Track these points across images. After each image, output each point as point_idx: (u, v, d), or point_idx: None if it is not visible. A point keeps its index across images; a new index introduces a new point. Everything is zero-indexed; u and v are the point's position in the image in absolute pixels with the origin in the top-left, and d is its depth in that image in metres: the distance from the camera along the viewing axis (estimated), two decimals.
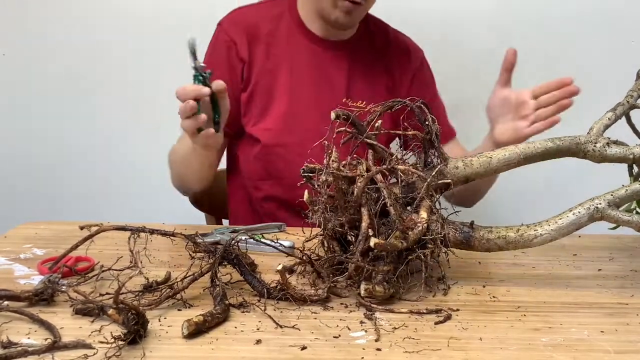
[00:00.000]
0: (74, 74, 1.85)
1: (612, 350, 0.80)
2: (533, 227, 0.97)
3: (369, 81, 1.42)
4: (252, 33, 1.37)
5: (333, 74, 1.40)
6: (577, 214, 0.96)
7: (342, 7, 1.30)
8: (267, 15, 1.40)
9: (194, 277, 0.88)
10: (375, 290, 0.89)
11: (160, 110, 1.87)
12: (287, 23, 1.39)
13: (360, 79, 1.41)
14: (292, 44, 1.38)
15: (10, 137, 1.88)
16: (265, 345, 0.78)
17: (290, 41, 1.38)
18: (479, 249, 0.98)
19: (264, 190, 1.40)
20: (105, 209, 1.90)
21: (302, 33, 1.39)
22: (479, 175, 1.01)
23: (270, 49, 1.37)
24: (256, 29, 1.37)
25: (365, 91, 1.41)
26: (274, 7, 1.42)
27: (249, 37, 1.37)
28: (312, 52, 1.38)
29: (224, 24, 1.40)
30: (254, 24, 1.38)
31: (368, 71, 1.42)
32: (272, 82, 1.37)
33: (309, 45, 1.38)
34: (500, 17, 1.85)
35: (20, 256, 1.05)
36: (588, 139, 1.02)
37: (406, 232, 0.90)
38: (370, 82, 1.42)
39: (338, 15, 1.31)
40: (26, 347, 0.72)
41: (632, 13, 1.84)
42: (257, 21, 1.38)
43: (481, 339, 0.81)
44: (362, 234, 0.90)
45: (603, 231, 1.18)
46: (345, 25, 1.35)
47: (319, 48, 1.39)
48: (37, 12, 1.82)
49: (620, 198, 0.97)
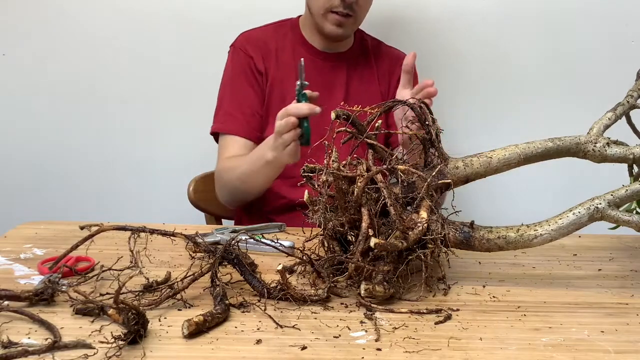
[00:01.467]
0: (73, 74, 1.85)
1: (612, 350, 0.80)
2: (533, 227, 0.97)
3: (365, 87, 1.54)
4: (263, 48, 1.50)
5: (333, 81, 1.52)
6: (577, 214, 0.96)
7: (332, 20, 1.43)
8: (273, 35, 1.54)
9: (194, 277, 0.88)
10: (375, 290, 0.89)
11: (161, 110, 1.88)
12: (291, 40, 1.54)
13: (357, 86, 1.53)
14: (296, 56, 1.48)
15: (10, 137, 1.88)
16: (266, 345, 0.78)
17: (295, 54, 1.50)
18: (479, 249, 0.98)
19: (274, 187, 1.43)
20: (105, 209, 1.90)
21: (304, 47, 1.53)
22: (479, 175, 1.01)
23: (279, 60, 1.50)
24: (266, 44, 1.51)
25: (362, 95, 1.53)
26: (278, 28, 1.56)
27: (262, 51, 1.50)
28: (314, 63, 1.48)
29: (237, 44, 1.53)
30: (263, 40, 1.52)
31: (363, 78, 1.55)
32: (283, 90, 1.48)
33: (310, 57, 1.49)
34: (499, 17, 1.85)
35: (20, 256, 1.06)
36: (588, 139, 1.02)
37: (406, 232, 0.90)
38: (365, 88, 1.54)
39: (330, 28, 1.44)
40: (26, 347, 0.72)
41: (632, 13, 1.84)
42: (266, 38, 1.52)
43: (481, 339, 0.81)
44: (362, 234, 0.90)
45: (603, 231, 1.18)
46: (338, 36, 1.47)
47: (319, 60, 1.52)
48: (37, 12, 1.82)
49: (620, 198, 0.97)
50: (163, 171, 1.89)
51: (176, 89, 1.86)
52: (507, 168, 1.02)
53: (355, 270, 0.90)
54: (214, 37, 1.79)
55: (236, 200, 1.47)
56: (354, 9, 1.42)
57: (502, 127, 1.88)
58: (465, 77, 1.87)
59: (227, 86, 1.51)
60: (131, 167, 1.90)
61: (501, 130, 1.86)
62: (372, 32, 1.63)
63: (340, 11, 1.41)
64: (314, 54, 1.52)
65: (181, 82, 1.86)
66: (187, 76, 1.86)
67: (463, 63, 1.87)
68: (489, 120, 1.89)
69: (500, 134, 1.80)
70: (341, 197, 0.93)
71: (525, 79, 1.88)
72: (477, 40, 1.85)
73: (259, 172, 1.33)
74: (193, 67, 1.85)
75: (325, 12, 1.42)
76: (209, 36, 1.82)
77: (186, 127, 1.87)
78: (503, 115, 1.89)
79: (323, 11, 1.43)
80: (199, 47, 1.83)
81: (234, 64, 1.51)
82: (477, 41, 1.85)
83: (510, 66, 1.87)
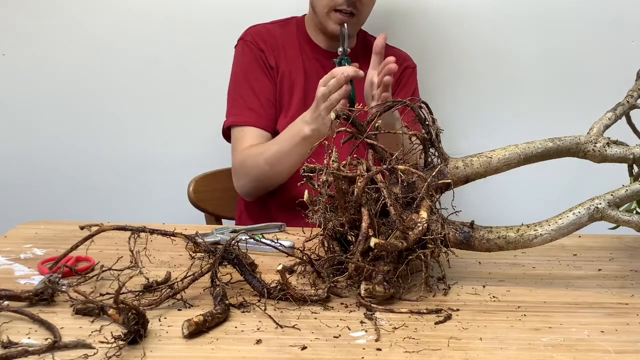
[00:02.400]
0: (74, 74, 1.85)
1: (612, 350, 0.80)
2: (533, 227, 0.97)
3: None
4: (272, 42, 1.51)
5: None
6: (577, 214, 0.96)
7: (335, 18, 1.43)
8: (279, 31, 1.56)
9: (194, 277, 0.88)
10: (375, 290, 0.89)
11: (161, 110, 1.88)
12: (297, 37, 1.55)
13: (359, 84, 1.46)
14: (303, 53, 1.51)
15: (10, 137, 1.88)
16: (266, 345, 0.78)
17: (301, 51, 1.52)
18: (479, 249, 0.98)
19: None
20: (106, 209, 1.90)
21: (309, 46, 1.54)
22: (479, 175, 1.01)
23: (287, 55, 1.52)
24: (274, 38, 1.53)
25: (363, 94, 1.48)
26: (284, 25, 1.58)
27: (271, 45, 1.51)
28: (318, 61, 1.52)
29: (246, 38, 1.53)
30: (271, 35, 1.53)
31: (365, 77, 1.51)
32: (292, 85, 1.50)
33: (315, 55, 1.53)
34: (499, 17, 1.85)
35: (20, 256, 1.06)
36: (588, 139, 1.02)
37: (406, 232, 0.90)
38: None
39: (333, 27, 1.45)
40: (26, 347, 0.72)
41: (632, 13, 1.84)
42: (273, 33, 1.54)
43: (481, 339, 0.81)
44: (362, 234, 0.90)
45: (603, 231, 1.18)
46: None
47: (324, 59, 1.52)
48: (37, 12, 1.82)
49: (620, 198, 0.97)
50: (163, 171, 1.89)
51: (177, 88, 1.86)
52: (507, 168, 1.02)
53: (355, 270, 0.90)
54: (216, 37, 1.79)
55: (261, 187, 1.45)
56: (357, 7, 1.42)
57: (502, 127, 1.88)
58: (465, 77, 1.87)
59: (239, 79, 1.50)
60: (131, 167, 1.90)
61: (501, 130, 1.86)
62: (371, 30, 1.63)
63: (344, 9, 1.41)
64: (318, 53, 1.53)
65: (182, 81, 1.86)
66: (189, 76, 1.86)
67: (463, 63, 1.87)
68: (489, 120, 1.89)
69: (500, 134, 1.80)
70: (341, 197, 0.93)
71: (525, 78, 1.88)
72: (477, 40, 1.85)
73: (292, 151, 1.33)
74: (195, 67, 1.85)
75: (329, 11, 1.43)
76: (210, 36, 1.82)
77: (186, 127, 1.87)
78: (503, 115, 1.89)
79: (327, 9, 1.43)
80: (201, 47, 1.83)
81: (245, 57, 1.51)
82: (477, 41, 1.85)
83: (510, 66, 1.87)
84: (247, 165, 1.42)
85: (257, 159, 1.40)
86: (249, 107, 1.47)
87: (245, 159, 1.43)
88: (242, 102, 1.48)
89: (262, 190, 1.47)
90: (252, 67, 1.49)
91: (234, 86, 1.51)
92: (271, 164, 1.37)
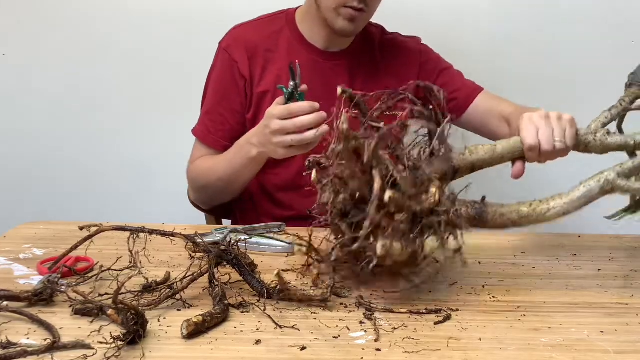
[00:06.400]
0: (74, 74, 1.85)
1: (612, 350, 0.80)
2: (545, 201, 0.98)
3: (371, 86, 1.43)
4: (252, 50, 1.42)
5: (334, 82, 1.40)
6: (588, 186, 0.97)
7: (345, 14, 1.34)
8: (265, 32, 1.45)
9: (194, 277, 0.88)
10: (392, 247, 0.85)
11: (161, 110, 1.88)
12: (287, 38, 1.44)
13: (361, 85, 1.43)
14: (292, 56, 1.40)
15: (10, 137, 1.88)
16: (265, 346, 0.78)
17: (290, 53, 1.42)
18: (492, 226, 0.97)
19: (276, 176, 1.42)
20: (105, 209, 1.90)
21: (302, 46, 1.44)
22: (485, 163, 1.02)
23: (268, 65, 1.42)
24: (255, 47, 1.42)
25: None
26: (272, 23, 1.47)
27: (249, 54, 1.42)
28: (313, 63, 1.42)
29: (223, 44, 1.45)
30: (252, 42, 1.43)
31: (368, 75, 1.46)
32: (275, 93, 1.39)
33: (309, 57, 1.42)
34: (499, 16, 1.85)
35: (20, 256, 1.05)
36: (587, 131, 1.04)
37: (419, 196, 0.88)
38: (371, 86, 1.41)
39: (342, 24, 1.35)
40: (25, 347, 0.72)
41: (632, 13, 1.84)
42: (256, 39, 1.43)
43: (481, 339, 0.81)
44: (375, 196, 0.86)
45: (603, 231, 1.18)
46: (351, 32, 1.39)
47: (320, 59, 1.43)
48: (37, 12, 1.82)
49: (629, 169, 0.98)
50: (163, 171, 1.89)
51: (178, 88, 1.85)
52: (511, 157, 1.03)
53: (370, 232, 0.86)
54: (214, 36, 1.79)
55: (216, 200, 1.45)
56: (367, 3, 1.35)
57: None
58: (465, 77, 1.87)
59: (209, 88, 1.47)
60: (131, 167, 1.90)
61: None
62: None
63: (355, 6, 1.33)
64: (313, 53, 1.44)
65: (182, 82, 1.85)
66: (189, 76, 1.84)
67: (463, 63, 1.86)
68: None
69: None
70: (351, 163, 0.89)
71: (525, 78, 1.87)
72: (477, 40, 1.85)
73: (243, 171, 1.31)
74: (194, 67, 1.83)
75: (338, 7, 1.34)
76: (208, 35, 1.81)
77: (187, 127, 1.86)
78: None
79: (335, 5, 1.34)
80: (200, 47, 1.82)
81: (217, 65, 1.46)
82: (477, 40, 1.85)
83: (509, 65, 1.86)
84: (200, 180, 1.41)
85: (210, 176, 1.38)
86: (209, 126, 1.43)
87: (199, 174, 1.41)
88: (206, 118, 1.45)
89: (219, 202, 1.46)
90: (220, 81, 1.45)
91: (205, 93, 1.49)
92: (226, 182, 1.36)
